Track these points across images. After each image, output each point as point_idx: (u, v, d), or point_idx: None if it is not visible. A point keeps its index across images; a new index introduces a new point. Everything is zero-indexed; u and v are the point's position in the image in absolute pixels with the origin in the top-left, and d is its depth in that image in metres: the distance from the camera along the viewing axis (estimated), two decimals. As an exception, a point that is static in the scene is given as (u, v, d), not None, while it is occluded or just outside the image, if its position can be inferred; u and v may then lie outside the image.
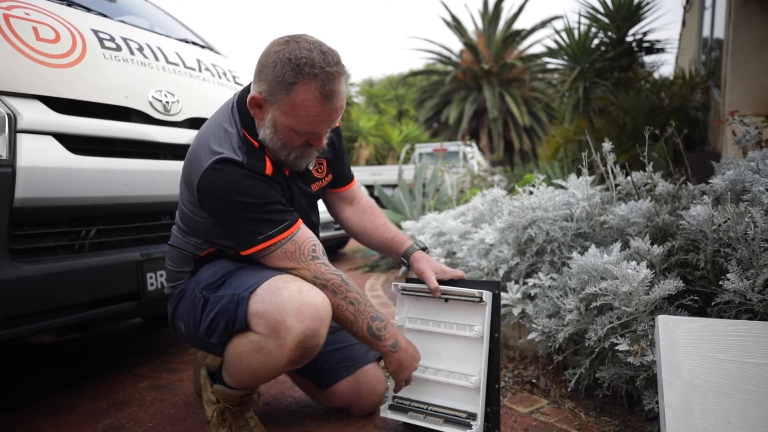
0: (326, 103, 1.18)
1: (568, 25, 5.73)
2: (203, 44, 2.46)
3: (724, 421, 1.06)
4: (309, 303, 1.18)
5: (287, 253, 1.25)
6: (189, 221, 1.36)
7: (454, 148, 11.44)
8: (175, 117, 1.87)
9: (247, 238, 1.24)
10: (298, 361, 1.22)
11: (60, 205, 1.51)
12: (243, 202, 1.21)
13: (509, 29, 21.57)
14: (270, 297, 1.19)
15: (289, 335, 1.16)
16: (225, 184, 1.21)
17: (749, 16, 4.17)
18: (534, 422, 1.46)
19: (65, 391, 1.88)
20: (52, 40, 1.57)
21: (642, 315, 1.35)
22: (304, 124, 1.20)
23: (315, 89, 1.15)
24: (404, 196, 4.68)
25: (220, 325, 1.24)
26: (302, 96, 1.16)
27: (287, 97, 1.17)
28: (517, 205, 1.90)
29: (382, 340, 1.32)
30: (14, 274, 1.38)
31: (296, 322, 1.16)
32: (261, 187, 1.24)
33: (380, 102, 19.36)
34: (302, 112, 1.18)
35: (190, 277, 1.39)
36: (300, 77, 1.14)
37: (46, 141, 1.49)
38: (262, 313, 1.18)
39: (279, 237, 1.24)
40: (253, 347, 1.20)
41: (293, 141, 1.25)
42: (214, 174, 1.21)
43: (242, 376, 1.28)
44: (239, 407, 1.38)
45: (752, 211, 1.27)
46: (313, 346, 1.20)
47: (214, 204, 1.25)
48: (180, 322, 1.39)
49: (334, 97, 1.18)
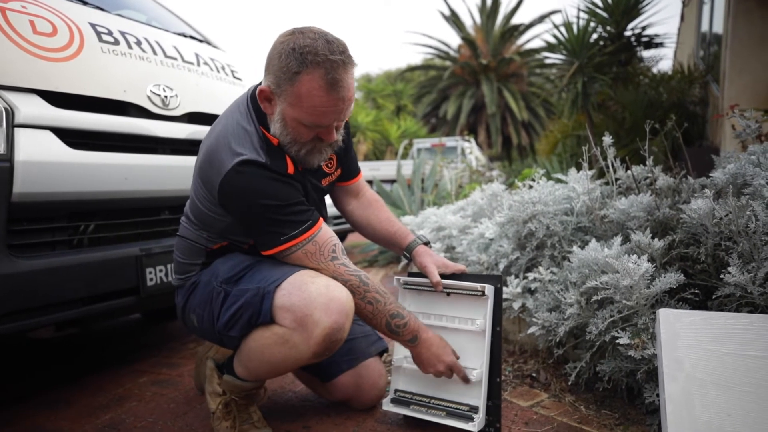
0: (331, 92, 1.16)
1: (566, 19, 5.72)
2: (201, 38, 2.44)
3: (725, 413, 1.06)
4: (336, 298, 1.21)
5: (308, 254, 1.26)
6: (202, 216, 1.35)
7: (453, 143, 11.45)
8: (173, 111, 1.86)
9: (270, 239, 1.25)
10: (322, 354, 1.24)
11: (58, 200, 1.50)
12: (267, 205, 1.21)
13: (507, 24, 21.52)
14: (297, 291, 1.20)
15: (317, 329, 1.18)
16: (249, 187, 1.21)
17: (749, 11, 4.16)
18: (534, 415, 1.46)
19: (65, 386, 1.88)
20: (49, 33, 1.56)
21: (643, 308, 1.36)
22: (311, 116, 1.19)
23: (319, 78, 1.14)
24: (403, 191, 4.68)
25: (243, 318, 1.25)
26: (306, 85, 1.15)
27: (292, 87, 1.17)
28: (517, 200, 1.90)
29: (401, 336, 1.34)
30: (13, 269, 1.38)
31: (324, 316, 1.18)
32: (284, 189, 1.24)
33: (378, 97, 19.33)
34: (308, 103, 1.17)
35: (202, 269, 1.39)
36: (303, 66, 1.14)
37: (44, 135, 1.48)
38: (289, 307, 1.20)
39: (301, 237, 1.24)
40: (278, 339, 1.22)
41: (302, 135, 1.24)
42: (238, 177, 1.20)
43: (261, 368, 1.30)
44: (245, 400, 1.39)
45: (753, 205, 1.27)
46: (338, 340, 1.23)
47: (238, 206, 1.24)
48: (192, 314, 1.39)
49: (340, 85, 1.16)
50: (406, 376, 1.50)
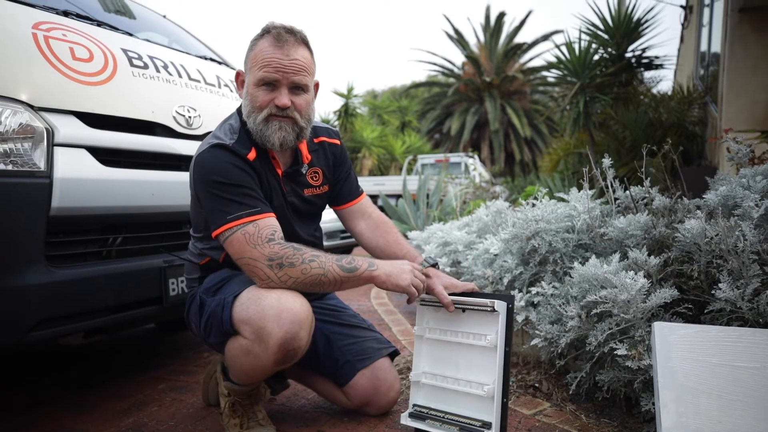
0: (277, 45, 1.37)
1: (568, 40, 5.86)
2: (220, 60, 2.57)
3: (716, 421, 1.13)
4: (287, 308, 1.28)
5: (246, 235, 1.31)
6: (195, 217, 1.52)
7: (457, 159, 11.56)
8: (196, 131, 1.97)
9: (218, 217, 1.35)
10: (283, 362, 1.32)
11: (91, 214, 1.61)
12: (216, 181, 1.35)
13: (511, 42, 21.81)
14: (253, 305, 1.30)
15: (271, 339, 1.27)
16: (206, 164, 1.38)
17: (745, 35, 4.29)
18: (537, 423, 1.53)
19: (87, 392, 1.96)
20: (86, 59, 1.68)
21: (639, 322, 1.44)
22: (260, 70, 1.37)
23: (270, 37, 1.39)
24: (409, 207, 4.77)
25: (213, 326, 1.38)
26: (259, 46, 1.39)
27: (252, 50, 1.41)
28: (520, 217, 1.99)
29: (359, 269, 1.35)
30: (50, 278, 1.47)
31: (276, 328, 1.27)
32: (236, 171, 1.37)
33: (383, 113, 19.52)
34: (259, 58, 1.38)
35: (199, 284, 1.52)
36: (260, 34, 1.41)
37: (80, 154, 1.58)
38: (247, 320, 1.30)
39: (244, 219, 1.33)
40: (243, 350, 1.33)
41: (258, 99, 1.40)
42: (202, 156, 1.39)
43: (239, 375, 1.41)
44: (248, 400, 1.49)
45: (742, 225, 1.36)
46: (295, 348, 1.30)
47: (196, 182, 1.41)
48: (192, 323, 1.52)
49: (286, 42, 1.37)
50: (425, 392, 1.53)
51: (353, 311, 1.74)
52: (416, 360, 1.55)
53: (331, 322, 1.62)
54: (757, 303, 1.30)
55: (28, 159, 1.45)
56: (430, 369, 1.54)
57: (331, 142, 1.62)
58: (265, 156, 1.46)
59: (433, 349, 1.54)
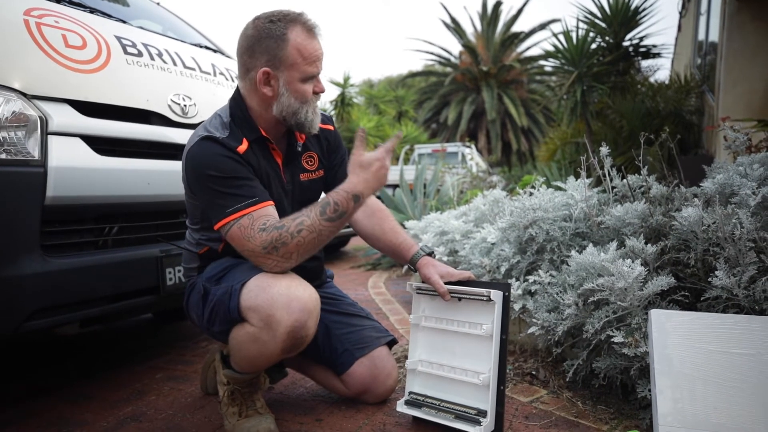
0: (313, 37, 1.36)
1: (566, 29, 5.83)
2: (215, 48, 2.54)
3: (711, 407, 1.15)
4: (297, 297, 1.28)
5: (241, 229, 1.30)
6: (190, 208, 1.51)
7: (454, 149, 11.56)
8: (192, 119, 1.96)
9: (217, 212, 1.34)
10: (290, 350, 1.33)
11: (86, 203, 1.59)
12: (211, 176, 1.33)
13: (508, 31, 21.71)
14: (262, 292, 1.29)
15: (280, 327, 1.27)
16: (199, 159, 1.35)
17: (742, 23, 4.28)
18: (534, 410, 1.54)
19: (84, 382, 1.97)
20: (79, 46, 1.65)
21: (636, 309, 1.45)
22: (309, 65, 1.36)
23: (301, 29, 1.35)
24: (406, 197, 4.76)
25: (219, 314, 1.36)
26: (295, 39, 1.34)
27: (286, 46, 1.33)
28: (518, 206, 1.99)
29: (347, 210, 1.31)
30: (46, 268, 1.46)
31: (285, 315, 1.26)
32: (229, 163, 1.35)
33: (380, 103, 19.45)
34: (305, 54, 1.35)
35: (199, 273, 1.51)
36: (284, 24, 1.34)
37: (74, 142, 1.57)
38: (255, 308, 1.29)
39: (241, 212, 1.31)
40: (250, 337, 1.32)
41: (307, 93, 1.39)
42: (193, 150, 1.36)
43: (243, 362, 1.40)
44: (248, 389, 1.49)
45: (739, 213, 1.36)
46: (303, 336, 1.31)
47: (190, 177, 1.39)
48: (192, 313, 1.51)
49: (316, 31, 1.37)
50: (421, 380, 1.54)
51: (351, 300, 1.74)
52: (412, 348, 1.55)
53: (329, 310, 1.62)
54: (753, 290, 1.31)
55: (21, 148, 1.44)
56: (426, 357, 1.55)
57: (324, 128, 1.61)
58: (263, 146, 1.44)
59: (429, 337, 1.54)
